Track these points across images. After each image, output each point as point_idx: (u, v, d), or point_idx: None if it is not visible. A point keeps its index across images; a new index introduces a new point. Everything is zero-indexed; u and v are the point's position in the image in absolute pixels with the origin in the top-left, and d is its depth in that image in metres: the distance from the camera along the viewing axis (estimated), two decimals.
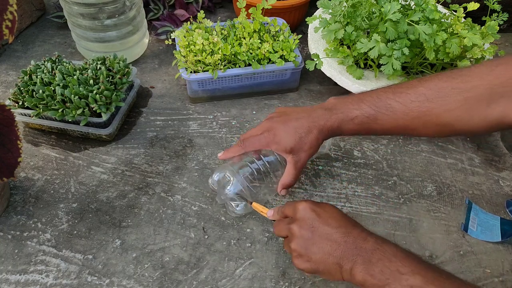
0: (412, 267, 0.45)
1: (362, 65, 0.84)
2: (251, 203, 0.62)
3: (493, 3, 0.77)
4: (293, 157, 0.61)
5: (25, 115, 0.77)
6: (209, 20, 0.87)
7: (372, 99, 0.58)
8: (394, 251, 0.47)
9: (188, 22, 0.89)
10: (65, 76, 0.76)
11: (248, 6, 0.93)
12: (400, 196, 0.72)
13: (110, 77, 0.78)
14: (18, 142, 0.58)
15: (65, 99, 0.74)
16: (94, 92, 0.74)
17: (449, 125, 0.54)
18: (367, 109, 0.58)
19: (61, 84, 0.75)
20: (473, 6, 0.78)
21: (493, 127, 0.52)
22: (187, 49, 0.81)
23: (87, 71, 0.78)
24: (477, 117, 0.51)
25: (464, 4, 0.79)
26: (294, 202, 0.55)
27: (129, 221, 0.68)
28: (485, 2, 0.78)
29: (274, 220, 0.59)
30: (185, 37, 0.84)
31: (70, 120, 0.74)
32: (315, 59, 0.81)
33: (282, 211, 0.57)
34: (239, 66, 0.83)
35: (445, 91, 0.53)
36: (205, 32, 0.85)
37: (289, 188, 0.65)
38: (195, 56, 0.80)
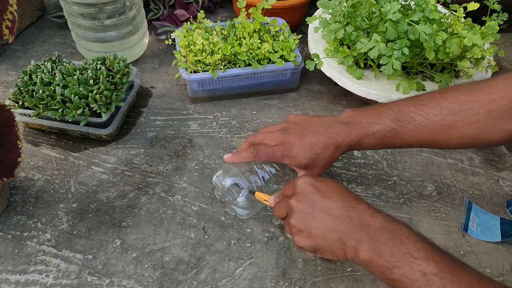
0: (426, 252, 0.42)
1: (362, 65, 0.84)
2: (254, 193, 0.60)
3: (493, 3, 0.77)
4: (307, 173, 0.59)
5: (25, 115, 0.77)
6: (209, 20, 0.87)
7: (393, 113, 0.56)
8: (407, 232, 0.44)
9: (188, 22, 0.89)
10: (65, 76, 0.76)
11: (248, 6, 0.93)
12: (400, 196, 0.72)
13: (110, 77, 0.78)
14: (18, 142, 0.58)
15: (65, 99, 0.74)
16: (94, 92, 0.74)
17: (472, 138, 0.53)
18: (388, 123, 0.56)
19: (61, 84, 0.75)
20: (473, 6, 0.78)
21: None
22: (187, 49, 0.81)
23: (87, 71, 0.78)
24: (500, 129, 0.51)
25: (464, 4, 0.79)
26: (293, 180, 0.53)
27: (129, 221, 0.68)
28: (485, 2, 0.78)
29: None
30: (185, 37, 0.84)
31: (70, 120, 0.74)
32: (315, 59, 0.81)
33: (282, 193, 0.55)
34: (239, 66, 0.83)
35: (468, 104, 0.52)
36: (205, 32, 0.85)
37: None
38: (195, 56, 0.80)
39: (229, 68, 0.83)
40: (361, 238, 0.45)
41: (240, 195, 0.61)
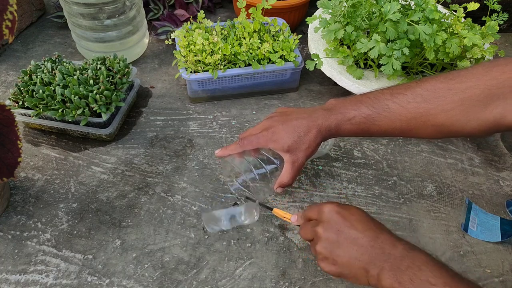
0: (443, 279, 0.43)
1: (362, 65, 0.84)
2: (272, 209, 0.62)
3: (493, 3, 0.77)
4: (291, 156, 0.61)
5: (25, 115, 0.77)
6: (209, 20, 0.87)
7: (370, 100, 0.58)
8: (424, 259, 0.45)
9: (188, 22, 0.89)
10: (65, 76, 0.76)
11: (248, 6, 0.93)
12: (400, 196, 0.72)
13: (110, 77, 0.78)
14: (18, 142, 0.58)
15: (65, 99, 0.74)
16: (94, 92, 0.74)
17: (446, 126, 0.54)
18: (364, 110, 0.58)
19: (61, 84, 0.75)
20: (473, 6, 0.78)
21: (490, 129, 0.51)
22: (187, 49, 0.81)
23: (87, 71, 0.78)
24: (474, 118, 0.51)
25: (464, 4, 0.79)
26: (318, 205, 0.54)
27: (129, 221, 0.68)
28: (485, 2, 0.78)
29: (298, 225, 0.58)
30: (185, 37, 0.84)
31: (70, 120, 0.74)
32: (315, 59, 0.81)
33: (306, 215, 0.56)
34: (239, 66, 0.83)
35: (442, 92, 0.53)
36: (205, 32, 0.85)
37: (285, 187, 0.64)
38: (195, 56, 0.80)
39: (229, 68, 0.83)
40: (383, 267, 0.46)
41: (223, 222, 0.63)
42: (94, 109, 0.74)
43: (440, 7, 0.91)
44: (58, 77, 0.75)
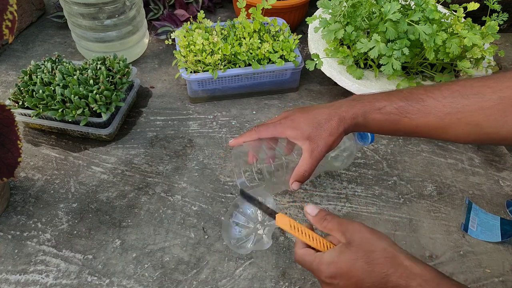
0: None
1: (362, 65, 0.84)
2: (276, 215, 0.53)
3: (493, 3, 0.77)
4: (310, 144, 0.55)
5: (25, 115, 0.77)
6: (209, 20, 0.87)
7: (402, 93, 0.55)
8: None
9: (188, 22, 0.89)
10: (65, 76, 0.76)
11: (248, 6, 0.93)
12: (400, 196, 0.72)
13: (110, 77, 0.78)
14: (18, 142, 0.58)
15: (65, 99, 0.74)
16: (94, 92, 0.74)
17: (482, 126, 0.51)
18: (396, 101, 0.54)
19: (61, 84, 0.75)
20: (473, 6, 0.78)
21: None
22: (187, 49, 0.81)
23: (87, 71, 0.78)
24: (510, 121, 0.49)
25: (464, 4, 0.79)
26: (344, 223, 0.48)
27: (129, 221, 0.68)
28: (485, 2, 0.78)
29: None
30: (185, 37, 0.84)
31: (70, 120, 0.74)
32: (315, 59, 0.81)
33: (325, 226, 0.50)
34: (239, 66, 0.83)
35: (480, 89, 0.51)
36: (205, 32, 0.85)
37: (302, 182, 0.58)
38: (195, 56, 0.80)
39: (229, 68, 0.83)
40: None
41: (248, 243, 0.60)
42: (94, 109, 0.74)
43: (440, 7, 0.91)
44: (58, 77, 0.75)
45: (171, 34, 0.87)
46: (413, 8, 0.76)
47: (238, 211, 0.61)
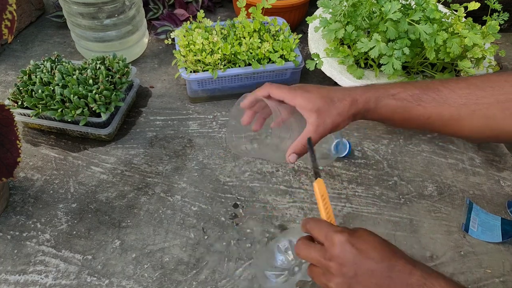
0: None
1: (362, 65, 0.84)
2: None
3: (494, 3, 0.77)
4: (317, 118, 0.52)
5: (25, 115, 0.77)
6: (209, 19, 0.87)
7: (418, 83, 0.54)
8: (444, 285, 0.43)
9: (188, 22, 0.88)
10: (64, 76, 0.76)
11: (248, 6, 0.93)
12: (400, 197, 0.72)
13: (110, 77, 0.78)
14: (17, 142, 0.58)
15: (65, 99, 0.74)
16: (94, 92, 0.74)
17: (497, 120, 0.50)
18: (411, 88, 0.53)
19: (60, 84, 0.74)
20: (473, 6, 0.78)
21: None
22: (187, 49, 0.81)
23: (86, 70, 0.78)
24: None
25: (465, 4, 0.79)
26: (326, 230, 0.47)
27: (129, 221, 0.68)
28: (485, 1, 0.78)
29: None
30: (184, 36, 0.84)
31: (69, 120, 0.74)
32: (315, 59, 0.81)
33: (307, 228, 0.49)
34: (239, 66, 0.83)
35: (497, 82, 0.50)
36: (205, 31, 0.85)
37: (299, 156, 0.55)
38: (195, 55, 0.80)
39: (229, 67, 0.82)
40: None
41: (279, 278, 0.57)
42: (93, 109, 0.74)
43: (440, 7, 0.90)
44: (58, 77, 0.75)
45: (171, 34, 0.87)
46: (413, 7, 0.75)
47: (290, 243, 0.58)
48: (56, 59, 0.82)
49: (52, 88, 0.74)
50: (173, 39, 0.90)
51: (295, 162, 0.55)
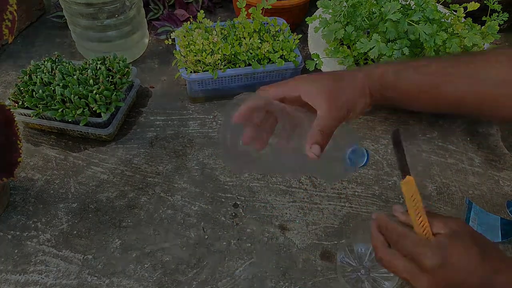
0: None
1: (362, 65, 0.84)
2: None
3: (493, 3, 0.77)
4: (328, 100, 0.44)
5: (25, 115, 0.77)
6: (209, 20, 0.87)
7: (443, 57, 0.48)
8: None
9: (188, 22, 0.89)
10: (65, 76, 0.76)
11: (248, 6, 0.93)
12: (400, 196, 0.72)
13: (110, 77, 0.78)
14: (18, 142, 0.58)
15: (65, 99, 0.74)
16: (94, 92, 0.74)
17: None
18: (437, 60, 0.46)
19: (61, 84, 0.75)
20: (473, 6, 0.78)
21: None
22: (187, 49, 0.81)
23: (87, 71, 0.78)
24: None
25: (464, 4, 0.79)
26: (415, 251, 0.41)
27: (129, 221, 0.68)
28: (485, 2, 0.78)
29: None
30: (185, 37, 0.84)
31: (70, 120, 0.74)
32: (315, 59, 0.81)
33: (392, 242, 0.44)
34: (239, 66, 0.83)
35: None
36: (205, 32, 0.85)
37: (322, 148, 0.43)
38: (195, 56, 0.80)
39: (229, 68, 0.82)
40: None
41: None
42: (94, 109, 0.74)
43: (440, 7, 0.91)
44: (58, 77, 0.75)
45: (171, 34, 0.87)
46: (413, 8, 0.76)
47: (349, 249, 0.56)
48: (57, 59, 0.82)
49: (53, 88, 0.74)
50: (173, 40, 0.90)
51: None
